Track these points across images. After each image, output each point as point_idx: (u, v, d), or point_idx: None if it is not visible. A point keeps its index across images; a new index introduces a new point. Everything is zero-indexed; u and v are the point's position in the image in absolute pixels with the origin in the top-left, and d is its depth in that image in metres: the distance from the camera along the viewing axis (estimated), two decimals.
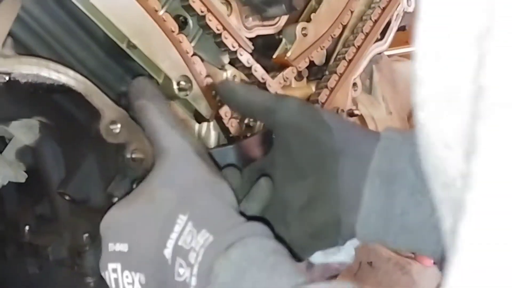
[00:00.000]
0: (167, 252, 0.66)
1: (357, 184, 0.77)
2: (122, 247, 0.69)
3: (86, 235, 1.05)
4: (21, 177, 1.12)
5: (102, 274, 0.73)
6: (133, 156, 0.95)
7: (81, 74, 0.90)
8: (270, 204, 0.84)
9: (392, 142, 0.78)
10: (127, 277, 0.68)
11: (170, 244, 0.66)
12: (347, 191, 0.78)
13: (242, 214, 0.70)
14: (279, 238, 0.70)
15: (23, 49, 0.90)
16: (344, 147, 0.79)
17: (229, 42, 1.02)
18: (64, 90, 0.89)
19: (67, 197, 1.04)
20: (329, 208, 0.80)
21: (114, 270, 0.70)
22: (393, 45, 1.41)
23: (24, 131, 1.09)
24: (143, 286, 0.67)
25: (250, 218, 0.69)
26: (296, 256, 0.79)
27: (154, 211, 0.69)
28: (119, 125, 0.93)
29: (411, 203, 0.74)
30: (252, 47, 1.07)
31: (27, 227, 1.16)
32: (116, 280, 0.70)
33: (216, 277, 0.61)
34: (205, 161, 0.74)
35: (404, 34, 1.45)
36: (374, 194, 0.76)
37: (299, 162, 0.82)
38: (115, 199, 0.97)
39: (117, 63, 1.00)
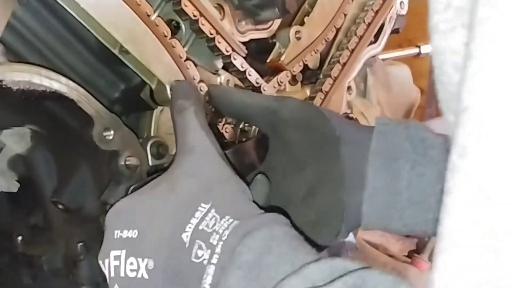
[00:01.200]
0: (185, 235, 0.67)
1: (359, 167, 0.79)
2: (131, 233, 0.70)
3: (81, 244, 1.03)
4: (13, 187, 1.10)
5: (101, 263, 0.73)
6: (127, 163, 0.95)
7: (73, 81, 0.90)
8: (272, 202, 0.85)
9: (387, 126, 0.80)
10: (131, 263, 0.69)
11: (189, 228, 0.67)
12: (350, 174, 0.80)
13: None
14: None
15: (14, 56, 0.89)
16: (344, 134, 0.82)
17: (222, 46, 1.02)
18: (56, 97, 0.88)
19: (60, 206, 1.03)
20: (331, 192, 0.81)
21: (117, 257, 0.70)
22: (386, 48, 1.41)
23: (15, 140, 1.07)
24: (149, 272, 0.68)
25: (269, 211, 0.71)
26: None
27: (174, 199, 0.71)
28: (112, 132, 0.92)
29: (413, 175, 0.76)
30: (246, 51, 1.06)
31: (20, 237, 1.14)
32: (116, 267, 0.70)
33: (240, 255, 0.62)
34: (226, 163, 0.77)
35: (398, 37, 1.45)
36: (377, 172, 0.77)
37: (299, 155, 0.84)
38: (109, 207, 0.95)
39: (110, 69, 0.99)
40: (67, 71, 0.93)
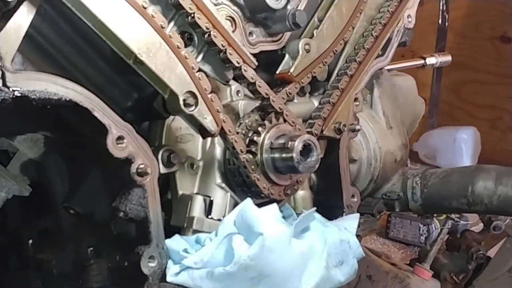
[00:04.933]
0: None
1: None
2: None
3: (91, 248, 1.05)
4: (25, 191, 1.12)
5: None
6: (139, 170, 0.96)
7: (88, 90, 0.91)
8: None
9: None
10: None
11: None
12: None
13: None
14: None
15: (31, 66, 0.90)
16: None
17: (233, 58, 1.04)
18: (71, 105, 0.90)
19: (72, 211, 1.05)
20: None
21: None
22: (393, 60, 1.42)
23: (29, 145, 1.10)
24: None
25: None
26: None
27: None
28: (125, 140, 0.94)
29: None
30: (256, 63, 1.08)
31: (30, 241, 1.16)
32: None
33: None
34: None
35: (402, 48, 1.47)
36: None
37: None
38: (121, 213, 0.97)
39: (124, 78, 1.01)
40: (82, 80, 0.95)
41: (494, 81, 3.42)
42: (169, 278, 0.97)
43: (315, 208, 1.09)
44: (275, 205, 1.03)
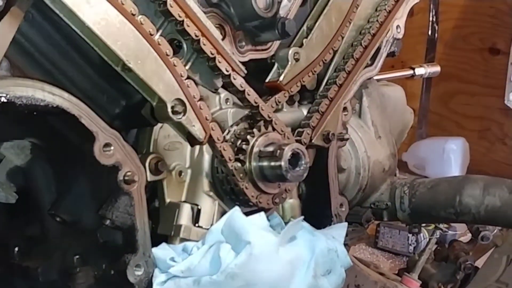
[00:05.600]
0: None
1: None
2: None
3: (77, 256, 1.04)
4: (12, 198, 1.11)
5: None
6: (126, 178, 0.96)
7: (76, 96, 0.91)
8: None
9: None
10: None
11: None
12: None
13: None
14: None
15: (18, 71, 0.90)
16: None
17: (222, 66, 1.04)
18: (58, 112, 0.90)
19: (58, 218, 1.04)
20: None
21: None
22: (382, 70, 1.43)
23: (15, 152, 1.09)
24: None
25: None
26: None
27: None
28: (112, 148, 0.94)
29: None
30: (245, 71, 1.08)
31: (16, 248, 1.15)
32: None
33: None
34: None
35: (391, 58, 1.48)
36: None
37: None
38: (107, 221, 0.97)
39: (112, 85, 1.00)
40: (69, 87, 0.95)
41: (483, 92, 3.45)
42: (155, 287, 0.96)
43: (303, 217, 1.09)
44: (262, 213, 1.03)
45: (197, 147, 1.09)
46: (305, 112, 1.26)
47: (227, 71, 1.04)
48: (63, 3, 0.85)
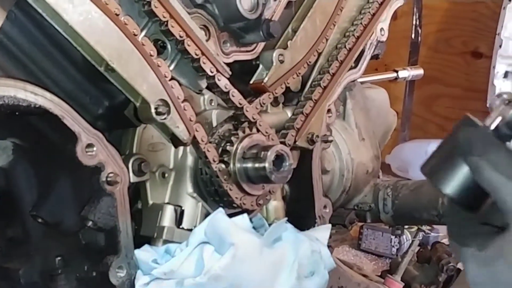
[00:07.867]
0: None
1: None
2: None
3: (59, 258, 1.03)
4: None
5: None
6: (108, 179, 0.95)
7: (58, 97, 0.90)
8: None
9: None
10: None
11: None
12: None
13: None
14: None
15: (0, 71, 0.89)
16: None
17: (207, 67, 1.03)
18: (40, 112, 0.89)
19: (40, 220, 1.03)
20: None
21: None
22: (366, 72, 1.43)
23: None
24: None
25: None
26: None
27: None
28: (95, 148, 0.93)
29: None
30: (230, 72, 1.07)
31: None
32: None
33: None
34: None
35: (375, 61, 1.48)
36: None
37: None
38: (89, 223, 0.96)
39: (95, 86, 1.00)
40: (52, 87, 0.94)
41: (465, 95, 3.47)
42: None
43: (286, 218, 1.09)
44: (245, 215, 1.03)
45: (181, 148, 1.08)
46: (289, 113, 1.26)
47: (212, 72, 1.04)
48: (46, 3, 0.84)
